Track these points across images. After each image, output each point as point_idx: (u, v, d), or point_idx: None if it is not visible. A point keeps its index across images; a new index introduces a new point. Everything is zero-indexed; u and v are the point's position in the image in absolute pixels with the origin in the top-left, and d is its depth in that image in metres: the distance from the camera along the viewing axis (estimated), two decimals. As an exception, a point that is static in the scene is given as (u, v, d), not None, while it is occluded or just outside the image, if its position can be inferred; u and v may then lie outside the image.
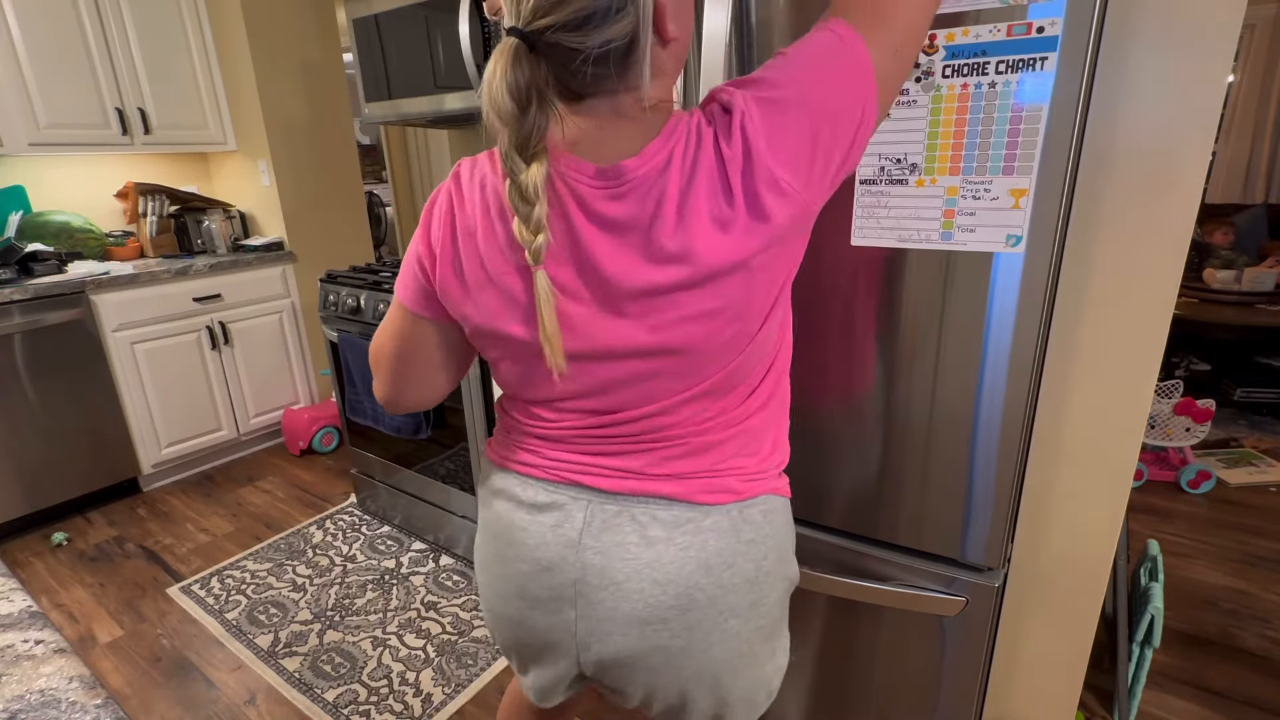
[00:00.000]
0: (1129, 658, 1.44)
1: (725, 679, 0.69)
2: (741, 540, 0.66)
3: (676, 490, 0.65)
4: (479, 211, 0.62)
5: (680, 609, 0.65)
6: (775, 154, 0.55)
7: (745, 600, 0.67)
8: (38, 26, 2.34)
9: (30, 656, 0.54)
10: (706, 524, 0.65)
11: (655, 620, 0.66)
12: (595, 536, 0.66)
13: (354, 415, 2.18)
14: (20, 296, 2.23)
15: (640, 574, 0.65)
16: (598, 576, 0.66)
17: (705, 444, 0.65)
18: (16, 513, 2.35)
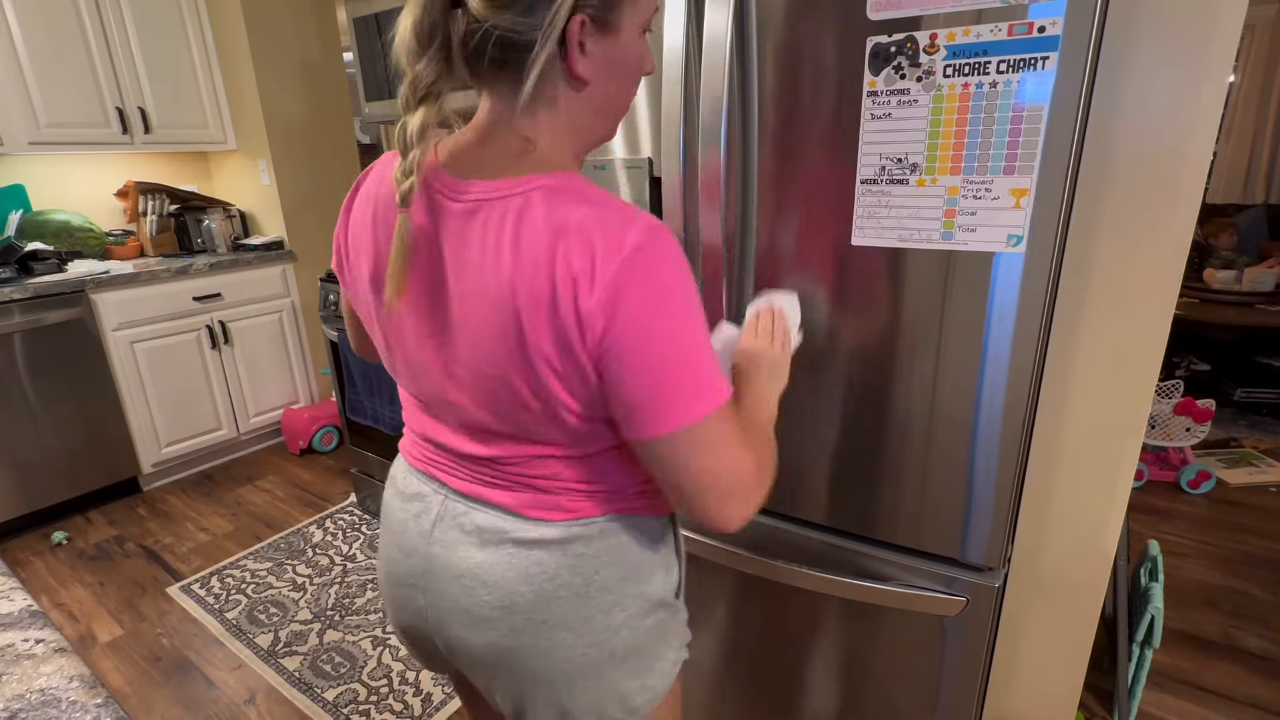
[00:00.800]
0: (1129, 658, 1.44)
1: (562, 689, 0.69)
2: (569, 555, 0.66)
3: (509, 501, 0.67)
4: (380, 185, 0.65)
5: (504, 610, 0.67)
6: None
7: (574, 614, 0.67)
8: (38, 26, 2.34)
9: (30, 656, 0.54)
10: (533, 535, 0.66)
11: (483, 619, 0.68)
12: (444, 531, 0.69)
13: (354, 415, 2.18)
14: (20, 295, 2.23)
15: (472, 573, 0.67)
16: (441, 569, 0.69)
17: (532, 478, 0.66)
18: (16, 512, 2.35)
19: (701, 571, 1.22)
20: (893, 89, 0.81)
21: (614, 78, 0.62)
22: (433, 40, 0.55)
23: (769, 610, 1.16)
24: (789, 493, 1.07)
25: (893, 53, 0.80)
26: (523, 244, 0.54)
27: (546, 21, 0.54)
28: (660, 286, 0.54)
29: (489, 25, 0.54)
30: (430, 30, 0.55)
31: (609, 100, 0.63)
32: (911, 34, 0.78)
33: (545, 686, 0.69)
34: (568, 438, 0.62)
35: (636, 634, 0.69)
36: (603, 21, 0.57)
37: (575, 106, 0.61)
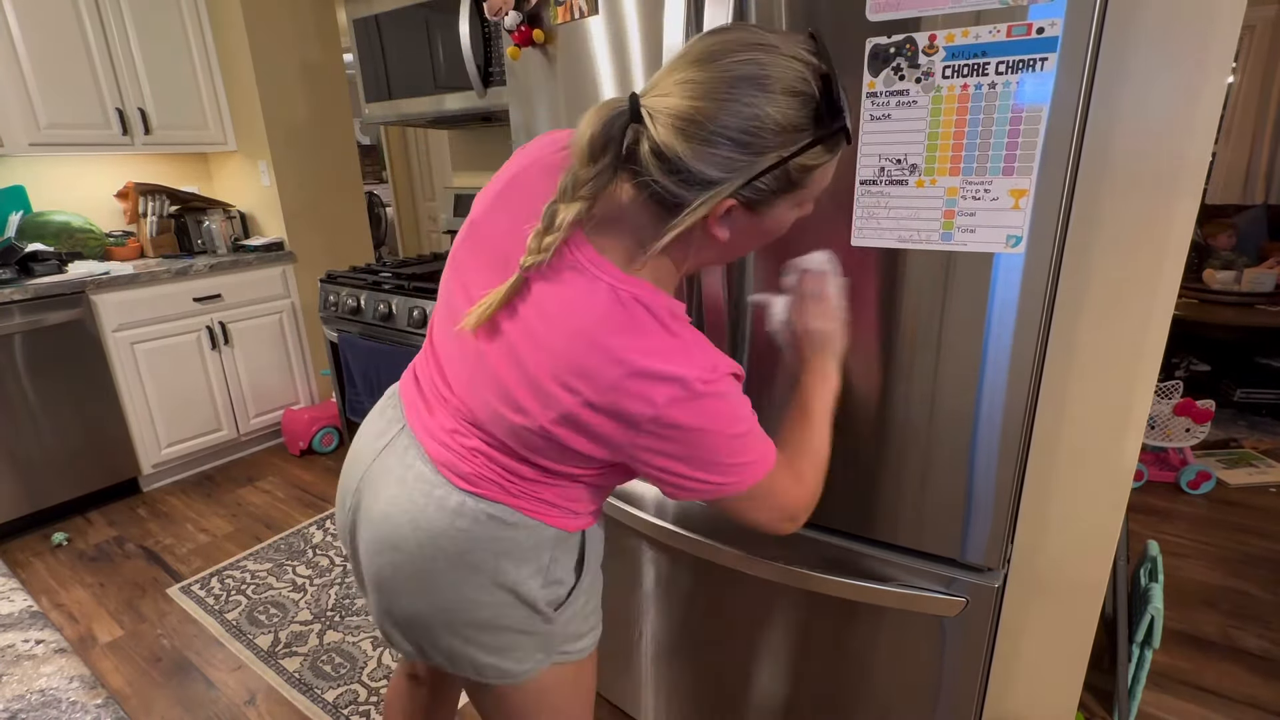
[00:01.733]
0: (1129, 658, 1.44)
1: (432, 629, 0.76)
2: (453, 525, 0.71)
3: (436, 455, 0.73)
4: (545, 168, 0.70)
5: (391, 546, 0.73)
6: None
7: (446, 577, 0.72)
8: (38, 27, 2.35)
9: (30, 656, 0.54)
10: (436, 493, 0.72)
11: (377, 544, 0.75)
12: (388, 456, 0.77)
13: (354, 415, 2.18)
14: (20, 296, 2.23)
15: (386, 500, 0.74)
16: (369, 485, 0.77)
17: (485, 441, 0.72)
18: (16, 513, 2.35)
19: (700, 574, 1.22)
20: (892, 90, 0.81)
21: (750, 240, 0.68)
22: (605, 154, 0.59)
23: (768, 611, 1.17)
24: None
25: (892, 54, 0.80)
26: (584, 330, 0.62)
27: (699, 201, 0.58)
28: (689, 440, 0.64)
29: (651, 178, 0.59)
30: (604, 146, 0.59)
31: (735, 251, 0.70)
32: (910, 35, 0.78)
33: (411, 623, 0.76)
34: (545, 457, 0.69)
35: (496, 615, 0.74)
36: (754, 207, 0.62)
37: (702, 248, 0.66)
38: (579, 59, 1.10)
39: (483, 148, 2.52)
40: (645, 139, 0.58)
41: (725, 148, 0.56)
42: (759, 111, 0.56)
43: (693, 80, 0.57)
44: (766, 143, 0.57)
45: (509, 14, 1.13)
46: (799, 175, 0.61)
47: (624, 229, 0.64)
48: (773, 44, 0.57)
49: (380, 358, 1.99)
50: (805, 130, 0.58)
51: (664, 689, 1.40)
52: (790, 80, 0.57)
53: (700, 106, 0.56)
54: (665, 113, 0.57)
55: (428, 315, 1.89)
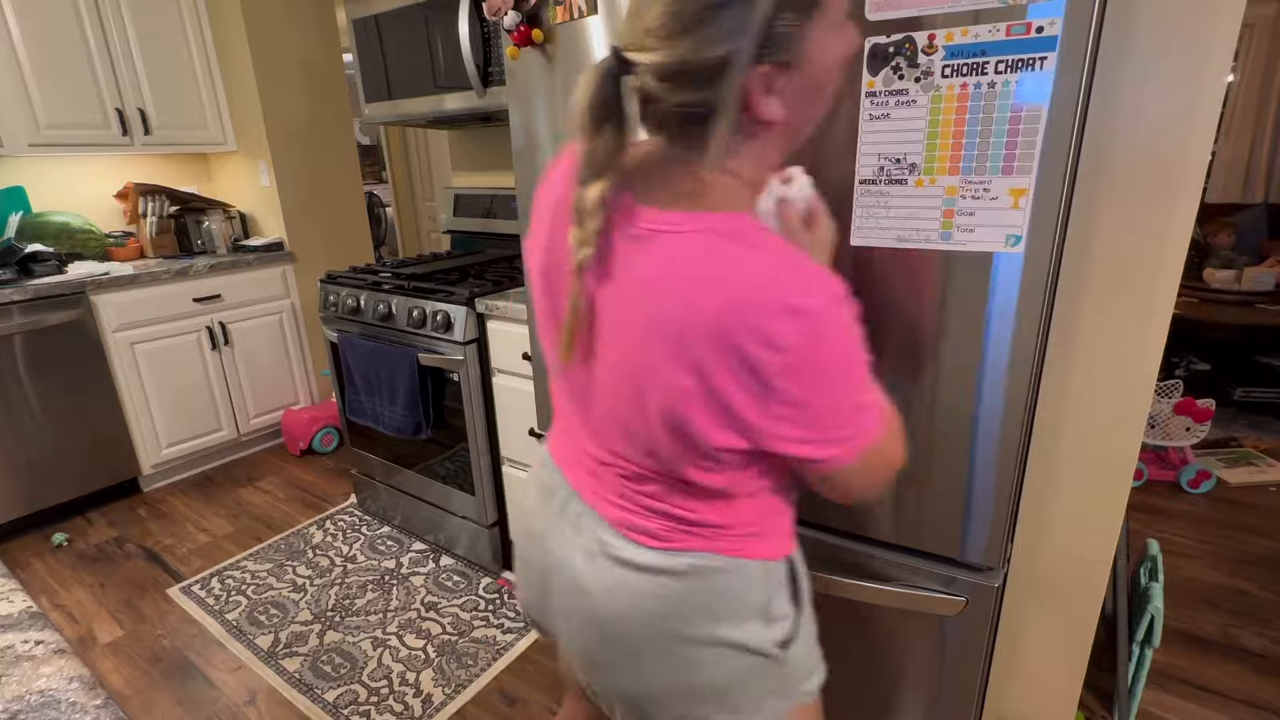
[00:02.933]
0: (1129, 657, 1.44)
1: (648, 705, 0.70)
2: (657, 588, 0.66)
3: (613, 516, 0.68)
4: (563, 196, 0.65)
5: (595, 621, 0.69)
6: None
7: (659, 646, 0.66)
8: (38, 27, 2.34)
9: (30, 657, 0.54)
10: (627, 557, 0.67)
11: (581, 626, 0.70)
12: (560, 531, 0.72)
13: (354, 415, 2.18)
14: (20, 297, 2.23)
15: (577, 576, 0.70)
16: (555, 562, 0.73)
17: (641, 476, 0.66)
18: (16, 513, 2.35)
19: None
20: (891, 89, 0.81)
21: (810, 101, 0.59)
22: (607, 116, 0.55)
23: (769, 610, 1.16)
24: (788, 493, 1.07)
25: (891, 53, 0.80)
26: (690, 287, 0.55)
27: (725, 90, 0.53)
28: (838, 353, 0.55)
29: (665, 101, 0.55)
30: (604, 107, 0.55)
31: (803, 122, 0.61)
32: (910, 34, 0.78)
33: (632, 699, 0.70)
34: (694, 466, 0.61)
35: (723, 673, 0.67)
36: (785, 59, 0.54)
37: (762, 145, 0.59)
38: (578, 59, 1.10)
39: (482, 148, 2.52)
40: (642, 74, 0.54)
41: (717, 15, 0.51)
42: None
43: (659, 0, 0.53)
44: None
45: (508, 14, 1.13)
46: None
47: (673, 175, 0.59)
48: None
49: (380, 358, 1.99)
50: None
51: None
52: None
53: (676, 5, 0.51)
54: (646, 33, 0.53)
55: (427, 315, 1.89)
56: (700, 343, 0.54)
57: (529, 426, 1.79)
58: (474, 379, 1.87)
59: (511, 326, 1.76)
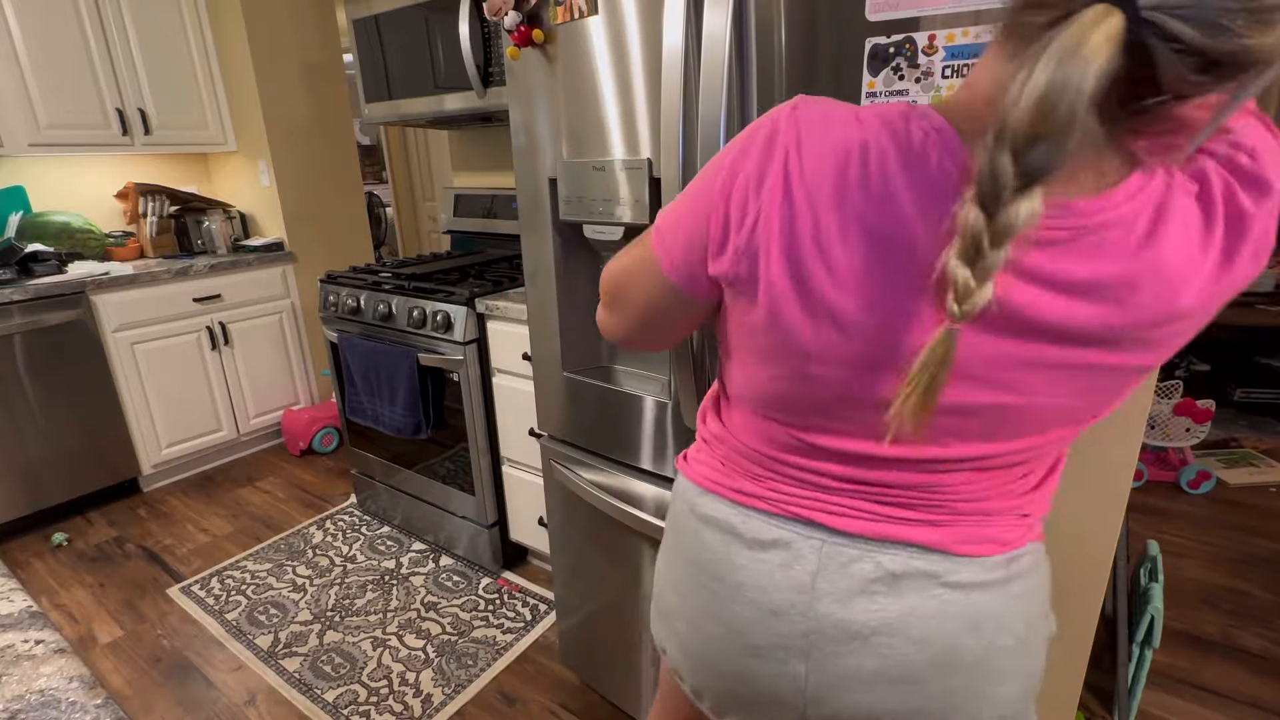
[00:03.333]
0: (1129, 658, 1.44)
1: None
2: (1012, 596, 0.56)
3: (930, 538, 0.56)
4: (848, 185, 0.48)
5: (941, 670, 0.56)
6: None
7: (1015, 663, 0.58)
8: (38, 27, 2.35)
9: (30, 656, 0.54)
10: (967, 576, 0.56)
11: (909, 680, 0.57)
12: (832, 583, 0.58)
13: (354, 416, 2.18)
14: (20, 297, 2.23)
15: (891, 627, 0.56)
16: (836, 629, 0.58)
17: (968, 503, 0.57)
18: (16, 513, 2.35)
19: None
20: (891, 90, 0.81)
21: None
22: (1101, 103, 0.38)
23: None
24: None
25: (891, 54, 0.80)
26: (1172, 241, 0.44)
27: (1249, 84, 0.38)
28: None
29: (1171, 97, 0.40)
30: (1104, 92, 0.38)
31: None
32: (910, 35, 0.78)
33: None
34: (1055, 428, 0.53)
35: (1040, 672, 0.62)
36: None
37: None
38: (578, 59, 1.10)
39: (483, 148, 2.52)
40: (1148, 31, 0.37)
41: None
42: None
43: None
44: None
45: (508, 14, 1.13)
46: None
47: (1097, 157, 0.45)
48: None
49: (380, 358, 1.99)
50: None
51: (664, 689, 1.40)
52: None
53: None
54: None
55: (427, 315, 1.89)
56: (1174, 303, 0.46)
57: (529, 426, 1.79)
58: (474, 379, 1.87)
59: (511, 326, 1.76)
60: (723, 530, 0.64)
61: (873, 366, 0.51)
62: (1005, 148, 0.39)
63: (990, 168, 0.40)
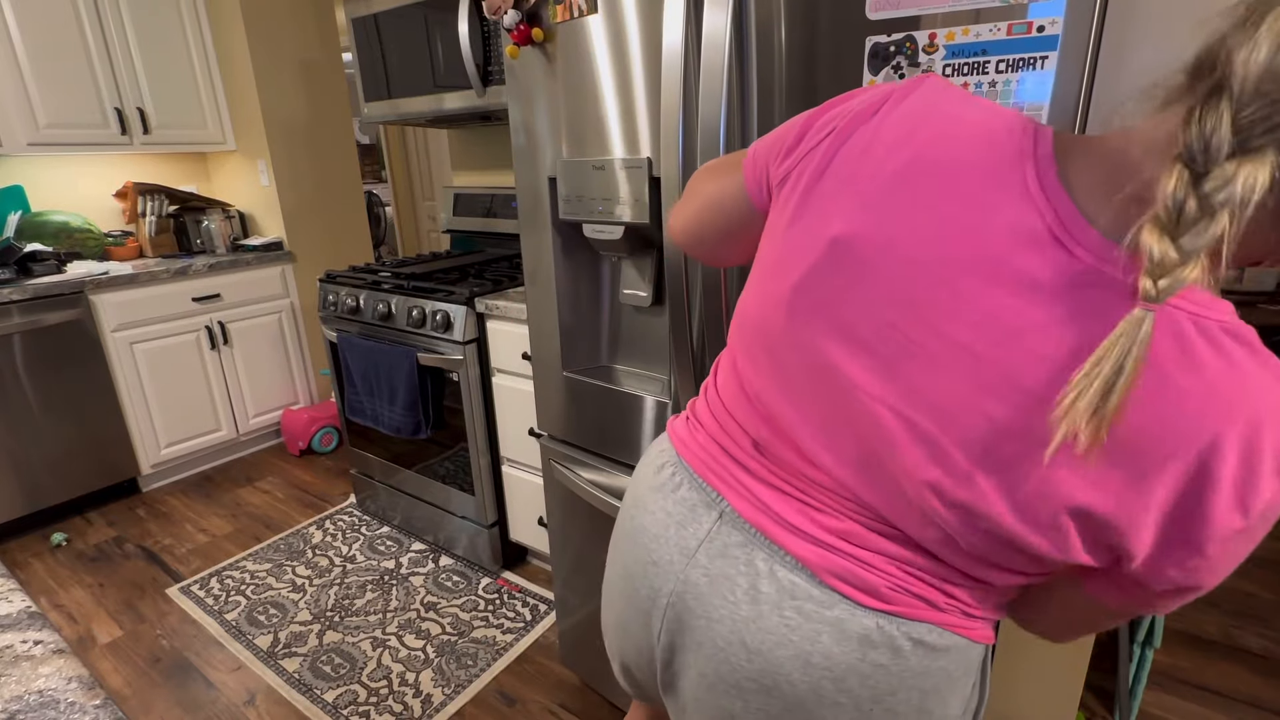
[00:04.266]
0: (1129, 658, 1.44)
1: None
2: (866, 660, 0.51)
3: (809, 556, 0.53)
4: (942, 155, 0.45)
5: (762, 690, 0.54)
6: None
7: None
8: (37, 26, 2.34)
9: (29, 657, 0.54)
10: (829, 615, 0.52)
11: (731, 684, 0.55)
12: (710, 558, 0.57)
13: (354, 415, 2.18)
14: (19, 296, 2.22)
15: (734, 624, 0.55)
16: (695, 602, 0.57)
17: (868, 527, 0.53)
18: (16, 513, 2.34)
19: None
20: (892, 88, 0.81)
21: None
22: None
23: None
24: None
25: (892, 52, 0.80)
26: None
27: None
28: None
29: None
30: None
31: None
32: (910, 34, 0.78)
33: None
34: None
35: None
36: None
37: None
38: (578, 58, 1.10)
39: (482, 147, 2.52)
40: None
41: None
42: None
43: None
44: None
45: (508, 13, 1.13)
46: None
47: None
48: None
49: (380, 357, 1.99)
50: None
51: (664, 689, 1.40)
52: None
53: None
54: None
55: (427, 315, 1.89)
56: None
57: (529, 426, 1.79)
58: (473, 379, 1.87)
59: (511, 326, 1.76)
60: (651, 467, 0.66)
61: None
62: (1227, 103, 0.34)
63: (1202, 125, 0.35)
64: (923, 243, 0.45)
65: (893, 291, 0.46)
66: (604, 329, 1.34)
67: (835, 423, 0.51)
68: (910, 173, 0.46)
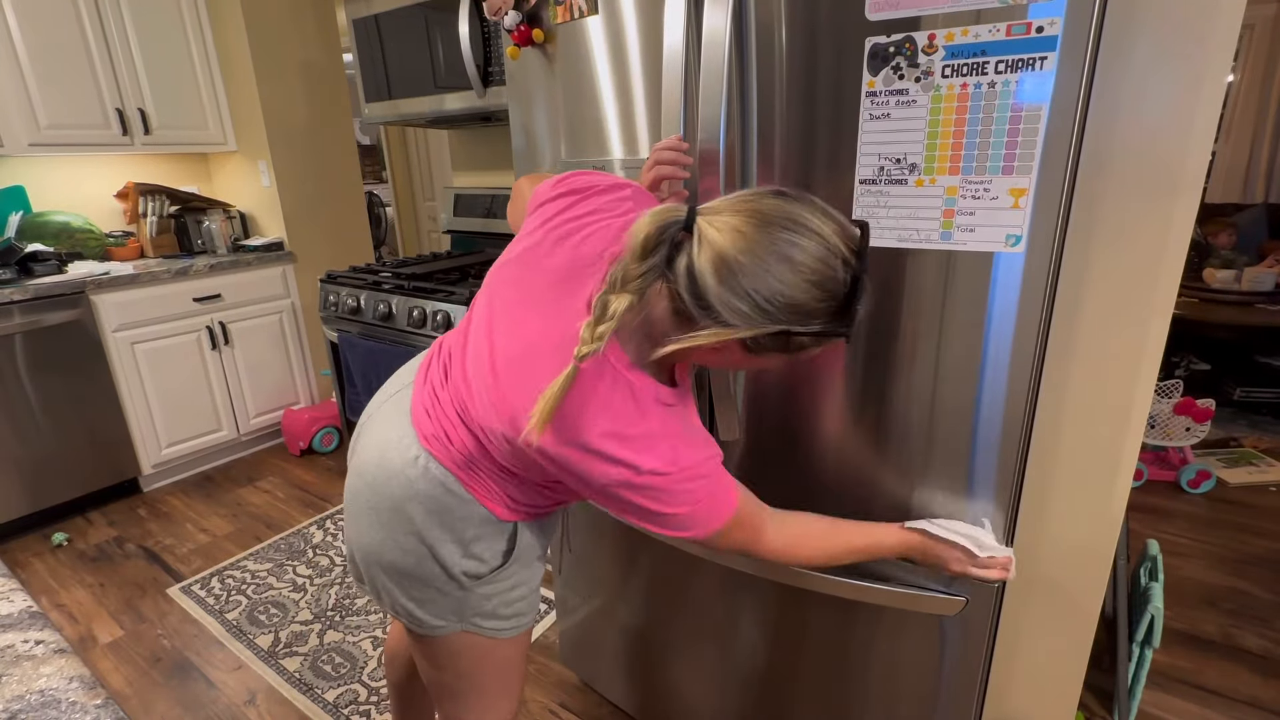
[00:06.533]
0: (1129, 658, 1.44)
1: (369, 562, 0.84)
2: (405, 474, 0.80)
3: (418, 414, 0.82)
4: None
5: (358, 473, 0.84)
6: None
7: (386, 516, 0.81)
8: (38, 27, 2.35)
9: (30, 657, 0.54)
10: (405, 441, 0.82)
11: (353, 474, 0.85)
12: (385, 407, 0.88)
13: (354, 415, 2.18)
14: (20, 297, 2.23)
15: (370, 436, 0.86)
16: (368, 426, 0.89)
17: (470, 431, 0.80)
18: (17, 513, 2.35)
19: (698, 573, 1.22)
20: (891, 89, 0.81)
21: (743, 365, 0.77)
22: (654, 254, 0.64)
23: (767, 610, 1.16)
24: (790, 494, 1.07)
25: (891, 53, 0.80)
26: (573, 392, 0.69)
27: (707, 331, 0.64)
28: (636, 510, 0.74)
29: (678, 289, 0.65)
30: (656, 246, 0.64)
31: (730, 367, 0.81)
32: (910, 34, 0.78)
33: (364, 552, 0.84)
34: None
35: (414, 565, 0.82)
36: (749, 349, 0.67)
37: (703, 356, 0.72)
38: (578, 59, 1.10)
39: (482, 147, 2.52)
40: (686, 253, 0.64)
41: (745, 303, 0.62)
42: (785, 290, 0.62)
43: (743, 233, 0.62)
44: (781, 316, 0.63)
45: (508, 14, 1.13)
46: (796, 347, 0.67)
47: (645, 323, 0.70)
48: (824, 235, 0.63)
49: (380, 357, 1.99)
50: (819, 318, 0.64)
51: (663, 689, 1.40)
52: (823, 275, 0.63)
53: (740, 261, 0.62)
54: (711, 245, 0.63)
55: (427, 315, 1.89)
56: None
57: (529, 426, 1.79)
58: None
59: (511, 326, 1.76)
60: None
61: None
62: (618, 267, 0.66)
63: (610, 274, 0.67)
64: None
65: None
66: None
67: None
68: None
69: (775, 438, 1.05)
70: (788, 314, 0.63)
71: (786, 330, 0.64)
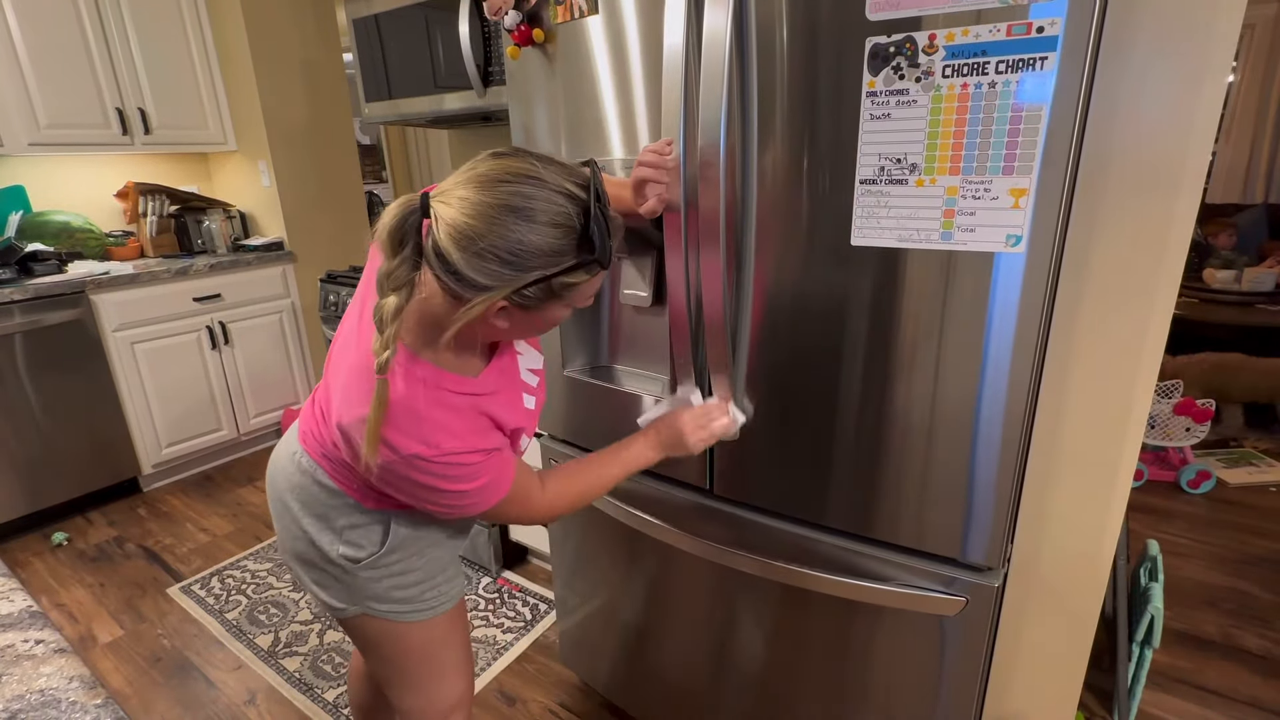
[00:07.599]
0: (1129, 658, 1.44)
1: (283, 551, 0.95)
2: (285, 469, 0.91)
3: (303, 418, 0.93)
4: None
5: (269, 474, 0.96)
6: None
7: (279, 506, 0.92)
8: (38, 27, 2.35)
9: (30, 656, 0.54)
10: (290, 440, 0.93)
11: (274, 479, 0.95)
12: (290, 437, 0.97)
13: (354, 415, 2.18)
14: (20, 296, 2.23)
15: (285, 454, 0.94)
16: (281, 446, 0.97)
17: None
18: (17, 513, 2.35)
19: (698, 573, 1.22)
20: (892, 89, 0.81)
21: (530, 328, 0.78)
22: (404, 246, 0.67)
23: (768, 610, 1.16)
24: (791, 494, 1.07)
25: (891, 53, 0.80)
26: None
27: (475, 301, 0.67)
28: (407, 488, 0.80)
29: (436, 273, 0.67)
30: (402, 239, 0.67)
31: (521, 335, 0.83)
32: (910, 34, 0.78)
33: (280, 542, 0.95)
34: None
35: (304, 551, 0.91)
36: (524, 307, 0.70)
37: (490, 331, 0.75)
38: (579, 59, 1.10)
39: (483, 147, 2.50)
40: (431, 237, 0.66)
41: (493, 263, 0.65)
42: (522, 238, 0.65)
43: (468, 199, 0.65)
44: (530, 263, 0.66)
45: (509, 13, 1.13)
46: (561, 289, 0.70)
47: (430, 314, 0.73)
48: (543, 178, 0.66)
49: (380, 357, 2.00)
50: (567, 255, 0.68)
51: (663, 689, 1.40)
52: (553, 214, 0.66)
53: (473, 225, 0.64)
54: (445, 220, 0.65)
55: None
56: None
57: (529, 426, 1.79)
58: (474, 379, 1.87)
59: (511, 326, 1.76)
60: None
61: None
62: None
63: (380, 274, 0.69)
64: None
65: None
66: (604, 329, 1.34)
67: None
68: None
69: (775, 437, 1.05)
70: (537, 259, 0.66)
71: (543, 275, 0.67)
